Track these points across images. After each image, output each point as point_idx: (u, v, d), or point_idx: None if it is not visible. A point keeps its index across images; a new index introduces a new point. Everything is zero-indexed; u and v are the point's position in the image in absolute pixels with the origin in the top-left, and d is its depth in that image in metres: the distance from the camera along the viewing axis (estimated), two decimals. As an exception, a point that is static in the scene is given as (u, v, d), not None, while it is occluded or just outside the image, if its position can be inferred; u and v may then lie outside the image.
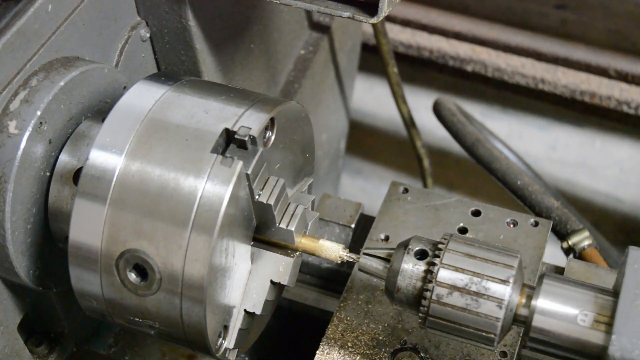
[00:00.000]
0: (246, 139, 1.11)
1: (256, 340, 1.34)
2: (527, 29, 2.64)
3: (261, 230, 1.24)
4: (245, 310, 1.25)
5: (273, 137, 1.18)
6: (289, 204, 1.24)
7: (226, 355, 1.23)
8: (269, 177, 1.19)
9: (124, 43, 1.44)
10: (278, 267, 1.26)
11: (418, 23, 2.68)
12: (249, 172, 1.12)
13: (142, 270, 1.13)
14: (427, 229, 1.46)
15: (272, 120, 1.17)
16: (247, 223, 1.19)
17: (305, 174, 1.37)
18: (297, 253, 1.26)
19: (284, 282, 1.26)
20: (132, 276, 1.14)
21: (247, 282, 1.24)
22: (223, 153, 1.12)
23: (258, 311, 1.24)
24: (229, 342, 1.22)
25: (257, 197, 1.16)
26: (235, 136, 1.12)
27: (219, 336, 1.19)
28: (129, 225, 1.12)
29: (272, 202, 1.17)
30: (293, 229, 1.22)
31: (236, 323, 1.23)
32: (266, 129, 1.17)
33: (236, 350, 1.25)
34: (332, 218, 1.58)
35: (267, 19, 1.75)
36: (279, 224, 1.22)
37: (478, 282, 1.11)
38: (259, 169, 1.14)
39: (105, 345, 1.61)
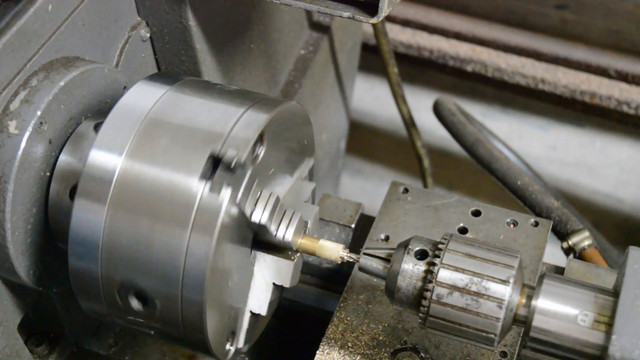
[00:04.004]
0: (233, 164, 1.09)
1: (256, 340, 1.34)
2: (527, 29, 2.64)
3: (260, 235, 1.24)
4: (250, 311, 1.25)
5: (263, 151, 1.15)
6: (285, 211, 1.22)
7: (227, 357, 1.23)
8: (261, 191, 1.18)
9: (124, 43, 1.44)
10: (279, 270, 1.26)
11: (418, 23, 2.68)
12: (237, 200, 1.11)
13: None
14: (427, 229, 1.46)
15: (261, 133, 1.15)
16: (246, 229, 1.19)
17: (306, 155, 1.35)
18: (298, 254, 1.27)
19: (286, 284, 1.26)
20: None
21: (249, 283, 1.24)
22: (212, 176, 1.10)
23: (263, 312, 1.25)
24: (238, 343, 1.23)
25: (249, 216, 1.16)
26: (222, 162, 1.10)
27: (227, 340, 1.20)
28: (129, 226, 1.12)
29: (264, 221, 1.17)
30: (290, 239, 1.22)
31: (243, 324, 1.24)
32: (256, 144, 1.14)
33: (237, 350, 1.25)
34: (332, 218, 1.58)
35: (267, 19, 1.75)
36: (276, 235, 1.22)
37: (478, 282, 1.11)
38: (249, 190, 1.13)
39: (105, 345, 1.61)
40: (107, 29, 1.39)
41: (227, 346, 1.22)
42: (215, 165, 1.10)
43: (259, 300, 1.25)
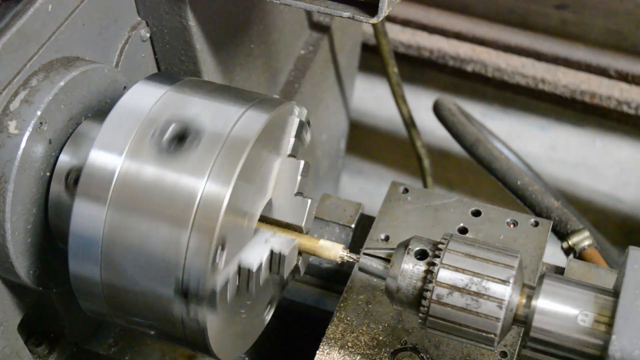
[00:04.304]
0: (198, 294, 1.10)
1: (256, 340, 1.34)
2: (527, 29, 2.64)
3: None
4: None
5: (225, 255, 1.13)
6: (272, 253, 1.21)
7: (227, 357, 1.23)
8: (239, 267, 1.17)
9: (124, 43, 1.44)
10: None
11: (418, 23, 2.68)
12: (217, 310, 1.13)
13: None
14: (427, 229, 1.46)
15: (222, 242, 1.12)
16: (246, 230, 1.19)
17: (290, 114, 1.28)
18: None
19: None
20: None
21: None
22: (186, 303, 1.12)
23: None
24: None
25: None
26: (189, 293, 1.11)
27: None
28: (129, 226, 1.12)
29: (252, 291, 1.18)
30: (285, 276, 1.23)
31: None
32: (215, 255, 1.11)
33: (237, 350, 1.26)
34: (332, 218, 1.58)
35: (267, 19, 1.75)
36: (271, 274, 1.23)
37: (478, 282, 1.11)
38: (225, 293, 1.14)
39: (105, 345, 1.61)
40: (107, 29, 1.39)
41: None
42: (185, 294, 1.11)
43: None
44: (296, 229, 1.25)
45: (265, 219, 1.23)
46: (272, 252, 1.21)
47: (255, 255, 1.19)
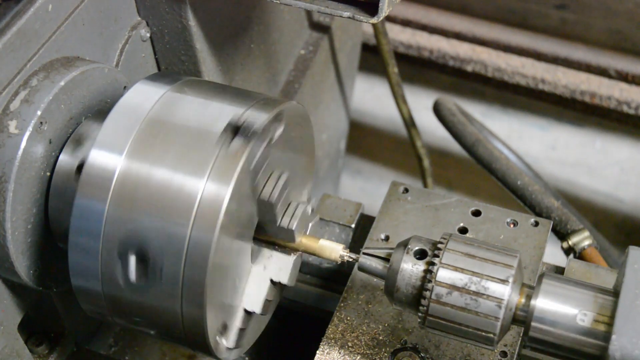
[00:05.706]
0: (250, 132, 1.11)
1: (256, 340, 1.34)
2: (527, 29, 2.64)
3: (261, 230, 1.24)
4: (245, 310, 1.25)
5: (279, 132, 1.17)
6: (290, 202, 1.24)
7: (227, 357, 1.23)
8: (271, 173, 1.19)
9: (124, 43, 1.44)
10: (278, 267, 1.26)
11: (418, 23, 2.68)
12: (251, 167, 1.12)
13: (143, 269, 1.13)
14: (427, 229, 1.46)
15: (279, 114, 1.17)
16: (248, 222, 1.19)
17: (305, 179, 1.37)
18: (298, 253, 1.27)
19: (284, 281, 1.26)
20: (132, 276, 1.14)
21: (247, 281, 1.24)
22: (229, 142, 1.12)
23: (258, 310, 1.25)
24: (229, 341, 1.22)
25: (260, 192, 1.17)
26: (240, 129, 1.12)
27: (219, 333, 1.19)
28: (129, 226, 1.12)
29: (273, 200, 1.18)
30: (294, 228, 1.22)
31: (235, 322, 1.24)
32: (272, 121, 1.16)
33: (237, 349, 1.25)
34: (332, 218, 1.58)
35: (267, 19, 1.75)
36: (280, 223, 1.22)
37: (477, 281, 1.11)
38: (262, 163, 1.14)
39: (105, 345, 1.62)
40: (107, 29, 1.39)
41: (217, 338, 1.21)
42: (233, 135, 1.12)
43: (253, 299, 1.25)
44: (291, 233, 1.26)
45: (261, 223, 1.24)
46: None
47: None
